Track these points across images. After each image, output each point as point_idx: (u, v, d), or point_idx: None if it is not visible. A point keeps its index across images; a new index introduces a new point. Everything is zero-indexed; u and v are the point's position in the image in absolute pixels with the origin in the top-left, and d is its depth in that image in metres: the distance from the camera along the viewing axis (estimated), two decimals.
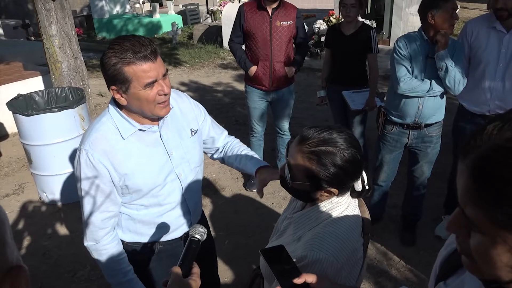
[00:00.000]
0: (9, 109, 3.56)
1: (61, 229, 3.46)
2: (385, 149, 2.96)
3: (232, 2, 9.92)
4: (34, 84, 5.30)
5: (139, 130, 1.49)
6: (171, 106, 1.53)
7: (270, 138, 4.96)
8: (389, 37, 8.41)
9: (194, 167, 1.69)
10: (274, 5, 3.38)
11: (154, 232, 1.66)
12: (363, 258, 1.26)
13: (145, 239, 1.67)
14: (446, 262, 0.87)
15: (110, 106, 1.51)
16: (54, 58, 4.42)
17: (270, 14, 3.40)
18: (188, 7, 12.90)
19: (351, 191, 1.26)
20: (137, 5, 13.95)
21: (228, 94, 6.70)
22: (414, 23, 7.93)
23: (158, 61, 1.38)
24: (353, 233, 1.20)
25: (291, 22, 3.46)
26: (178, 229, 1.71)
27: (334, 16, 8.27)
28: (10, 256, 0.65)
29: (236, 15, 3.54)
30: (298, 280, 1.02)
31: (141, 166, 1.51)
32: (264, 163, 1.74)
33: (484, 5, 12.06)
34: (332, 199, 1.23)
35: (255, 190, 3.90)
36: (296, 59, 3.65)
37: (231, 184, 4.07)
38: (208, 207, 3.69)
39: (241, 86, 6.98)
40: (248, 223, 3.44)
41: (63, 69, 4.46)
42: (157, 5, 11.87)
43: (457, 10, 2.55)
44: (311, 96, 6.31)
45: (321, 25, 8.34)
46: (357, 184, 1.23)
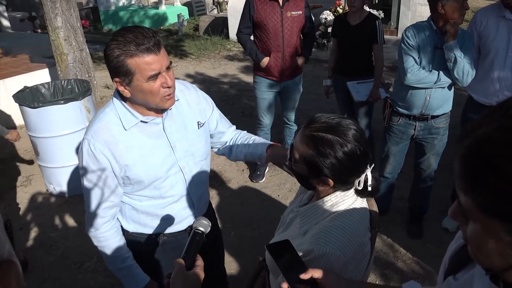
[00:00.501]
0: (16, 102, 3.58)
1: (68, 221, 3.48)
2: (391, 141, 2.93)
3: None
4: (41, 77, 5.32)
5: (141, 122, 1.48)
6: (177, 98, 1.51)
7: (277, 130, 4.95)
8: (397, 28, 8.31)
9: (199, 161, 1.67)
10: None
11: (158, 224, 1.66)
12: (371, 252, 1.24)
13: (149, 230, 1.67)
14: (456, 256, 0.86)
15: (114, 97, 1.50)
16: (60, 50, 4.42)
17: (281, 5, 3.39)
18: None
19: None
20: None
21: (234, 86, 6.67)
22: (423, 13, 7.82)
23: (162, 53, 1.36)
24: (360, 227, 1.19)
25: (301, 12, 3.46)
26: (183, 222, 1.71)
27: (341, 7, 8.19)
28: (1, 251, 0.64)
29: (245, 6, 3.50)
30: (305, 276, 1.01)
31: (143, 158, 1.50)
32: (275, 144, 1.74)
33: None
34: (337, 193, 1.21)
35: (261, 181, 3.90)
36: (305, 49, 3.66)
37: (237, 176, 4.07)
38: (214, 199, 3.69)
39: (247, 78, 6.96)
40: (254, 215, 3.44)
41: (69, 61, 4.46)
42: None
43: (468, 0, 2.50)
44: (318, 88, 6.26)
45: (328, 16, 8.26)
46: (358, 182, 1.19)
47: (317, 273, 1.02)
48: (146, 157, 1.51)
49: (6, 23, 9.48)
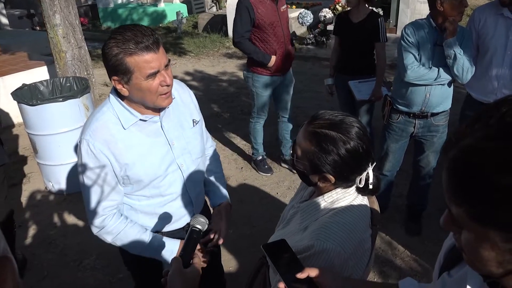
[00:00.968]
0: (14, 99, 3.57)
1: (67, 218, 3.48)
2: (391, 138, 2.94)
3: None
4: (39, 74, 5.31)
5: (140, 120, 1.48)
6: (173, 97, 1.51)
7: (276, 128, 4.95)
8: (396, 25, 8.30)
9: (196, 158, 1.68)
10: None
11: (156, 223, 1.66)
12: (371, 249, 1.25)
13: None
14: (451, 253, 0.87)
15: (111, 96, 1.49)
16: (58, 48, 4.41)
17: (276, 1, 3.44)
18: None
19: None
20: None
21: (233, 84, 6.67)
22: (422, 11, 7.81)
23: (160, 52, 1.36)
24: (361, 224, 1.19)
25: (285, 6, 3.61)
26: (181, 220, 1.71)
27: (340, 4, 8.18)
28: None
29: (242, 10, 3.44)
30: (301, 275, 1.01)
31: (142, 157, 1.50)
32: (222, 199, 1.86)
33: None
34: (338, 190, 1.22)
35: (270, 174, 3.97)
36: (290, 38, 3.76)
37: (236, 174, 4.07)
38: None
39: None
40: (253, 213, 3.44)
41: (67, 59, 4.46)
42: None
43: None
44: (317, 86, 6.26)
45: (327, 13, 8.26)
46: (359, 180, 1.19)
47: (314, 272, 1.02)
48: (145, 156, 1.51)
49: (5, 21, 9.46)
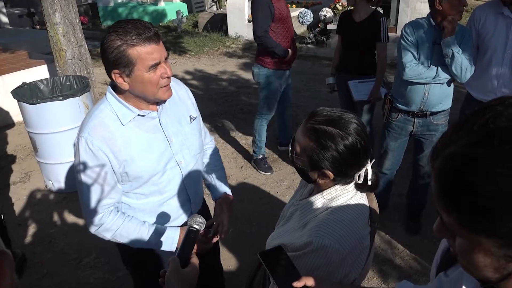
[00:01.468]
0: (14, 98, 3.57)
1: (67, 217, 3.48)
2: (390, 137, 2.94)
3: None
4: (39, 73, 5.31)
5: (139, 116, 1.48)
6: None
7: (276, 127, 4.95)
8: (396, 25, 8.29)
9: (195, 154, 1.68)
10: None
11: (155, 221, 1.65)
12: (370, 247, 1.25)
13: None
14: (447, 253, 0.87)
15: (108, 93, 1.49)
16: (59, 46, 4.41)
17: None
18: None
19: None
20: None
21: (233, 83, 6.67)
22: (422, 10, 7.81)
23: (161, 44, 1.38)
24: (360, 221, 1.19)
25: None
26: (179, 218, 1.71)
27: (340, 3, 8.18)
28: None
29: (263, 6, 3.50)
30: (298, 284, 1.02)
31: (141, 153, 1.50)
32: (224, 192, 1.84)
33: None
34: (337, 187, 1.22)
35: (270, 174, 4.01)
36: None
37: (236, 173, 4.07)
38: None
39: (246, 75, 6.95)
40: (253, 212, 3.45)
41: (68, 57, 4.46)
42: None
43: None
44: (317, 85, 6.27)
45: (327, 13, 8.26)
46: (358, 176, 1.19)
47: (310, 281, 1.02)
48: (144, 152, 1.50)
49: (5, 19, 9.45)
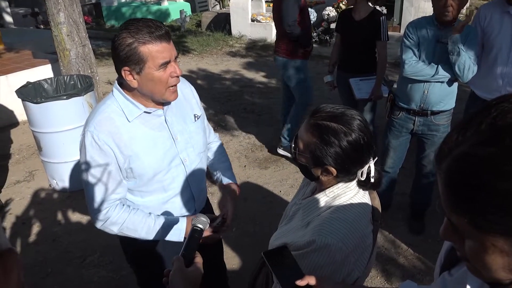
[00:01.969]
0: (19, 97, 3.59)
1: (71, 216, 3.50)
2: (392, 134, 2.95)
3: None
4: (43, 72, 5.33)
5: (145, 113, 1.49)
6: None
7: (279, 126, 4.95)
8: (400, 24, 8.28)
9: (199, 153, 1.69)
10: None
11: None
12: (373, 245, 1.25)
13: None
14: (451, 252, 0.86)
15: (115, 90, 1.51)
16: (63, 46, 4.43)
17: None
18: None
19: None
20: None
21: (237, 82, 6.67)
22: (426, 9, 7.78)
23: (171, 43, 1.40)
24: (362, 219, 1.19)
25: None
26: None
27: (344, 3, 8.16)
28: (1, 241, 0.66)
29: None
30: (301, 282, 1.02)
31: (146, 149, 1.51)
32: (229, 181, 1.81)
33: None
34: (340, 185, 1.22)
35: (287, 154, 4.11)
36: None
37: (239, 172, 4.07)
38: (216, 195, 3.69)
39: (250, 74, 6.96)
40: (256, 211, 3.45)
41: (72, 57, 4.47)
42: None
43: None
44: (320, 84, 6.23)
45: (331, 12, 8.24)
46: (360, 173, 1.19)
47: (313, 280, 1.02)
48: (149, 148, 1.51)
49: (9, 19, 9.49)
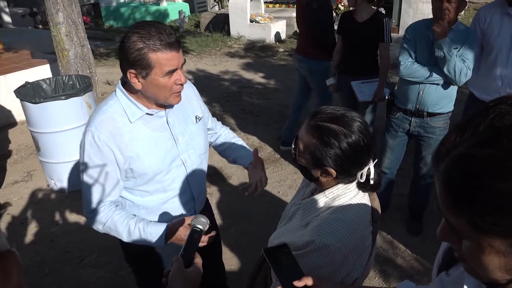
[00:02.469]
0: (17, 97, 3.58)
1: (69, 216, 3.49)
2: (389, 134, 2.98)
3: None
4: (42, 72, 5.32)
5: (147, 114, 1.50)
6: None
7: (278, 127, 4.96)
8: (398, 25, 8.30)
9: (200, 154, 1.69)
10: None
11: (158, 220, 1.66)
12: (372, 246, 1.25)
13: None
14: (449, 252, 0.87)
15: (118, 90, 1.51)
16: (61, 46, 4.42)
17: None
18: None
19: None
20: None
21: (235, 83, 6.67)
22: (424, 11, 7.81)
23: (180, 51, 1.41)
24: (362, 220, 1.20)
25: None
26: (182, 217, 1.71)
27: (342, 4, 8.18)
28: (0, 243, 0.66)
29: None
30: (299, 283, 1.02)
31: (147, 150, 1.51)
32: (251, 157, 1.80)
33: None
34: (339, 186, 1.22)
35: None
36: None
37: (237, 173, 4.07)
38: (215, 195, 3.69)
39: (248, 75, 6.96)
40: (254, 211, 3.45)
41: (70, 57, 4.47)
42: None
43: None
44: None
45: None
46: (360, 175, 1.19)
47: (310, 281, 1.03)
48: (151, 149, 1.52)
49: (8, 19, 9.48)
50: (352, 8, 3.54)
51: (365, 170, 1.19)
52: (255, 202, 3.59)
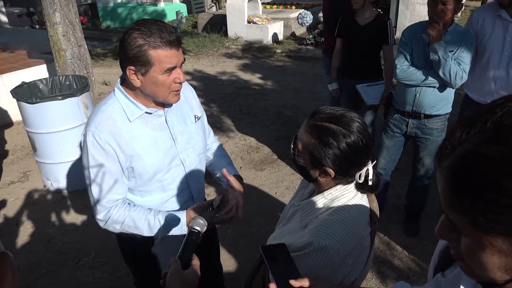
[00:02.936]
0: (14, 97, 3.57)
1: (66, 217, 3.48)
2: (386, 134, 2.99)
3: None
4: (39, 72, 5.31)
5: (146, 113, 1.50)
6: None
7: (275, 128, 4.96)
8: (395, 27, 8.31)
9: (199, 154, 1.70)
10: None
11: None
12: (370, 247, 1.25)
13: None
14: (445, 253, 0.87)
15: (116, 90, 1.51)
16: (58, 46, 4.41)
17: None
18: None
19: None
20: None
21: (233, 84, 6.67)
22: (421, 13, 7.84)
23: (180, 49, 1.41)
24: (360, 221, 1.20)
25: None
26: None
27: None
28: None
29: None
30: (294, 283, 1.02)
31: (147, 149, 1.52)
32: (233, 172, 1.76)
33: None
34: (338, 187, 1.22)
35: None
36: None
37: None
38: (212, 196, 3.69)
39: (246, 76, 6.97)
40: (252, 212, 3.44)
41: (67, 57, 4.46)
42: None
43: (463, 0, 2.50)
44: (316, 86, 6.28)
45: None
46: (359, 175, 1.19)
47: (306, 283, 1.02)
48: (150, 148, 1.52)
49: (4, 19, 9.45)
50: (351, 10, 3.48)
51: (364, 171, 1.19)
52: (252, 203, 3.59)
